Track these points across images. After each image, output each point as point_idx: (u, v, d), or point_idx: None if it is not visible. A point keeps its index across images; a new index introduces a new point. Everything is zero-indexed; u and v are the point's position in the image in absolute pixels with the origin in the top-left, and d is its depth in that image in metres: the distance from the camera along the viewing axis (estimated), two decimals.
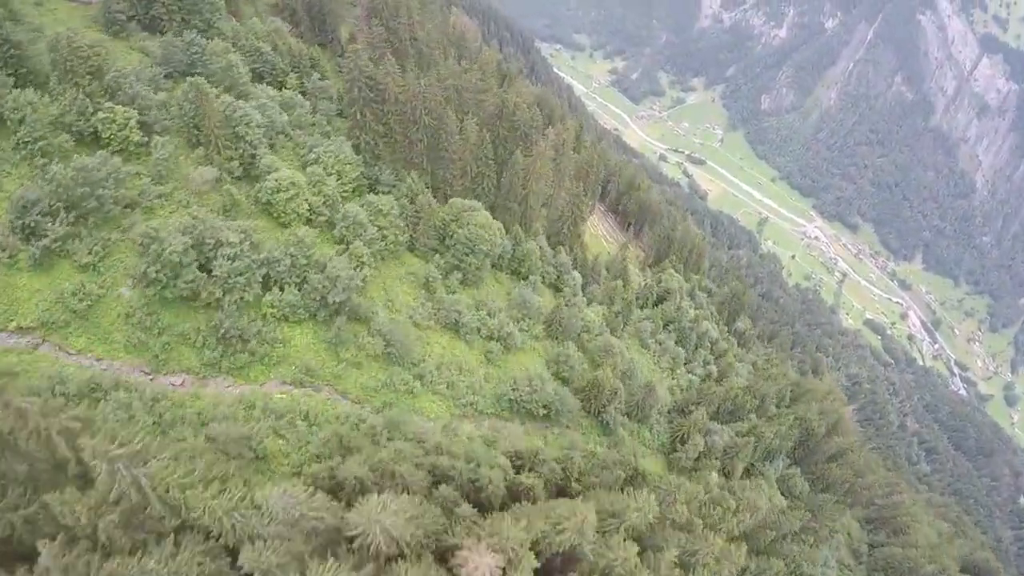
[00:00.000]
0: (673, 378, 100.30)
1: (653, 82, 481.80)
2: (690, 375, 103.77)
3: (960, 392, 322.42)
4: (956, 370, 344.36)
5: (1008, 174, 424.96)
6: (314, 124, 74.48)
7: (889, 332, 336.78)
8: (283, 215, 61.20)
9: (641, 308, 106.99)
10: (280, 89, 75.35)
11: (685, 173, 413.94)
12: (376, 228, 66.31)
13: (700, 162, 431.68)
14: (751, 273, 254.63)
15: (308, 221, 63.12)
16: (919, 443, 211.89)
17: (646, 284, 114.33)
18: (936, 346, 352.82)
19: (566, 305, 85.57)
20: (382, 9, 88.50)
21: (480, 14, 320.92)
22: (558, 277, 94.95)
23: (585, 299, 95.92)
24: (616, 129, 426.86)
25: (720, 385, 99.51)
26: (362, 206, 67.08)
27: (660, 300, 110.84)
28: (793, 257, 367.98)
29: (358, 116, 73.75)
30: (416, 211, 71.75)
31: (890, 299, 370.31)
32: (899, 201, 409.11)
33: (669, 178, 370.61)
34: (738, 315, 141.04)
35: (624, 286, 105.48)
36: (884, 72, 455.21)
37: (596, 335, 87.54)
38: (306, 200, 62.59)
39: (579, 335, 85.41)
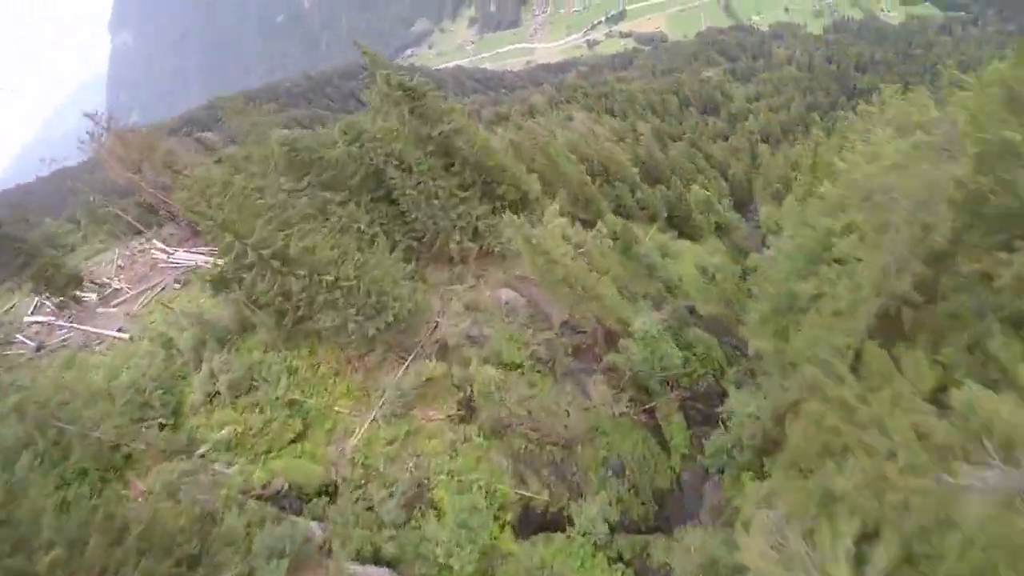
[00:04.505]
0: None
1: None
2: None
3: None
4: None
5: None
6: None
7: None
8: None
9: None
10: None
11: (623, 35, 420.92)
12: None
13: (621, 16, 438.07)
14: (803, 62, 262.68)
15: None
16: None
17: None
18: None
19: None
20: None
21: (316, 89, 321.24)
22: None
23: None
24: (529, 61, 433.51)
25: None
26: None
27: None
28: (787, 10, 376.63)
29: None
30: None
31: None
32: None
33: (622, 54, 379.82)
34: None
35: None
36: None
37: None
38: None
39: None
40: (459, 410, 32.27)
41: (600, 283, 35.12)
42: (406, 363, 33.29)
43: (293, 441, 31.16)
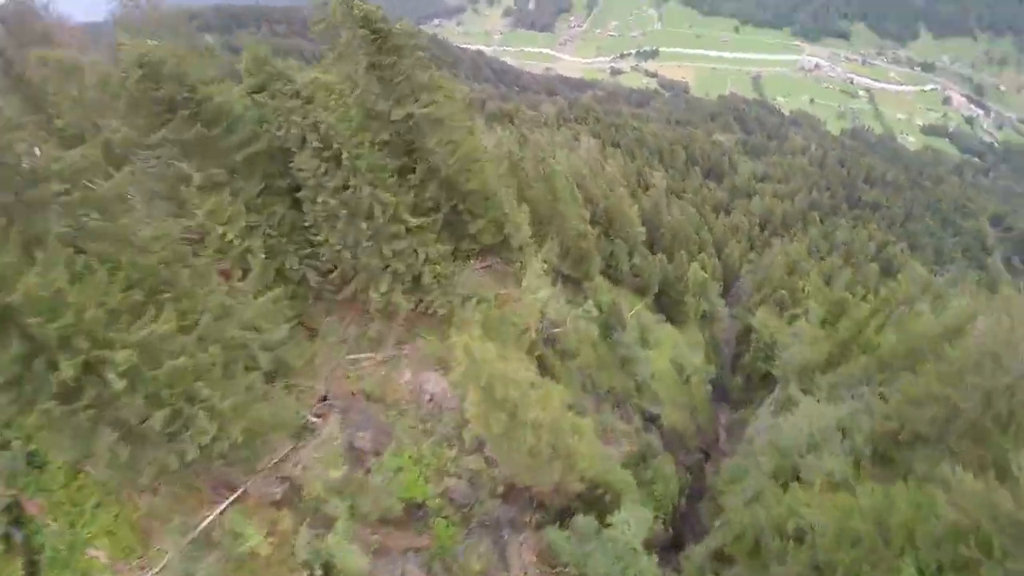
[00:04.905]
0: None
1: (555, 0, 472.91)
2: None
3: None
4: None
5: None
6: None
7: (953, 129, 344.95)
8: None
9: None
10: None
11: (648, 74, 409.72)
12: None
13: (652, 54, 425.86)
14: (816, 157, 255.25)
15: None
16: None
17: None
18: (992, 115, 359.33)
19: None
20: None
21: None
22: None
23: None
24: (549, 68, 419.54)
25: None
26: None
27: None
28: (812, 101, 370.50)
29: None
30: None
31: (923, 89, 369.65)
32: None
33: (641, 90, 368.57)
34: None
35: None
36: None
37: None
38: None
39: None
40: None
41: (578, 438, 21.51)
42: (222, 507, 18.84)
43: None
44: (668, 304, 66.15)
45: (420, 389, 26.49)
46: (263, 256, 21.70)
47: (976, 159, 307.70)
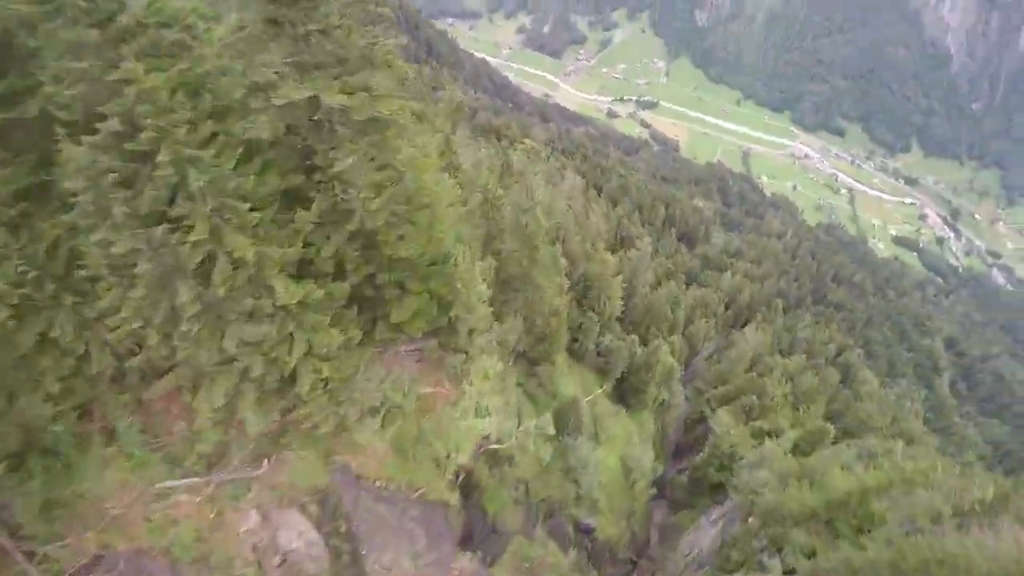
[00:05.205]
0: None
1: (570, 30, 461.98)
2: None
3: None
4: (991, 260, 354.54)
5: (981, 30, 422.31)
6: None
7: (923, 246, 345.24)
8: None
9: None
10: None
11: (643, 124, 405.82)
12: None
13: (652, 105, 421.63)
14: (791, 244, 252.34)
15: None
16: None
17: None
18: (963, 240, 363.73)
19: None
20: None
21: None
22: None
23: None
24: (547, 95, 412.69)
25: None
26: None
27: None
28: (795, 188, 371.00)
29: None
30: None
31: (903, 201, 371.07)
32: (878, 89, 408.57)
33: (633, 138, 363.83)
34: None
35: None
36: None
37: None
38: None
39: None
40: None
41: None
42: None
43: None
44: (628, 391, 57.24)
45: (271, 543, 16.33)
46: (6, 314, 11.32)
47: (940, 279, 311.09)
